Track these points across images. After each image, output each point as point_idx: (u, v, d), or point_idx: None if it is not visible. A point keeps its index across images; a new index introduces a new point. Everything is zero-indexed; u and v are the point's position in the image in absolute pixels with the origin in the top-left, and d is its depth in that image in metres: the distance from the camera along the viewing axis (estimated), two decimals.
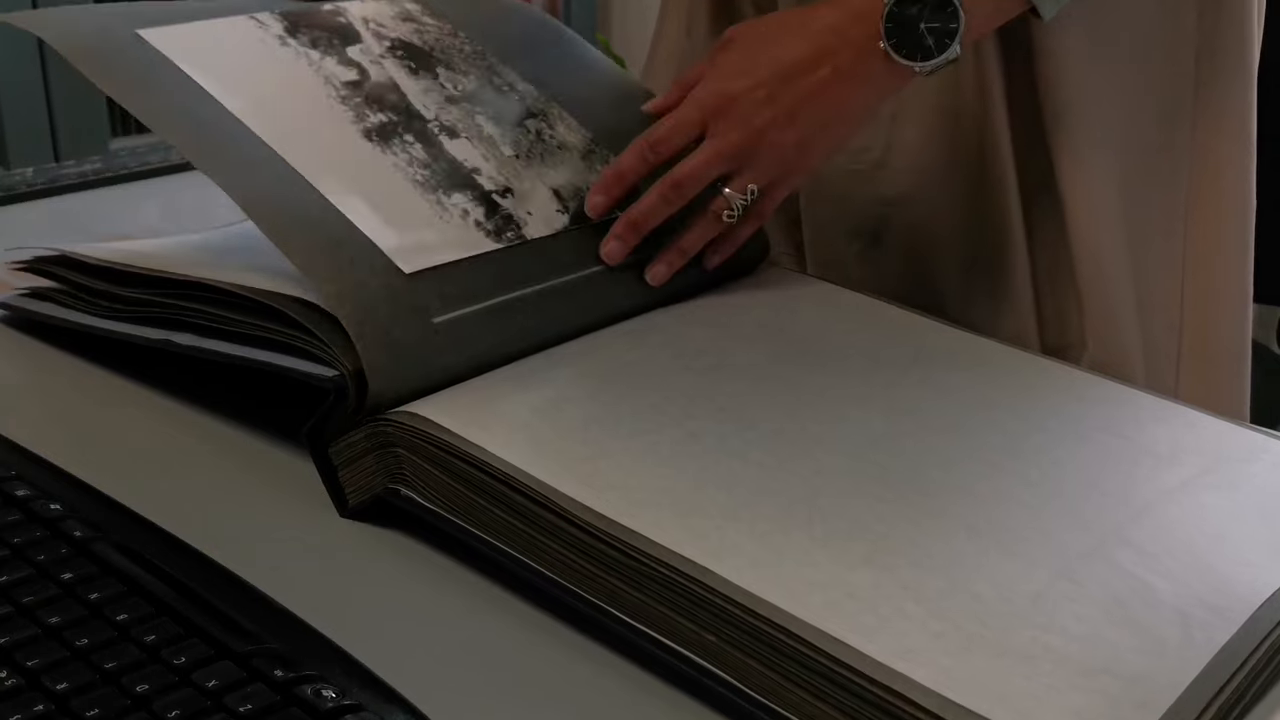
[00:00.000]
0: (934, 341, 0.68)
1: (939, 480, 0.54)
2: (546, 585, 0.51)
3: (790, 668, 0.44)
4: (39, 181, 0.96)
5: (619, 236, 0.68)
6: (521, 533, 0.51)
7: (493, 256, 0.64)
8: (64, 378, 0.69)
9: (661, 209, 0.69)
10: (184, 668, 0.43)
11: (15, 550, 0.49)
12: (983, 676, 0.43)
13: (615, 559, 0.49)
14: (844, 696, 0.43)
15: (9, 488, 0.53)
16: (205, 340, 0.62)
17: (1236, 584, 0.50)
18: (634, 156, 0.70)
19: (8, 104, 1.82)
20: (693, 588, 0.47)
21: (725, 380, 0.61)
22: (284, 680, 0.43)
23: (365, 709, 0.43)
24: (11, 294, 0.74)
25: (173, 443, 0.63)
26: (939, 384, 0.63)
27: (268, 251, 0.60)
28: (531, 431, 0.55)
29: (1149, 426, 0.61)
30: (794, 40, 0.68)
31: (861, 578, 0.47)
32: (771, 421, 0.57)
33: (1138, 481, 0.56)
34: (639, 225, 0.68)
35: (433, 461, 0.54)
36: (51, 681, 0.42)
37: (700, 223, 0.70)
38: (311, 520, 0.57)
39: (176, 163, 1.03)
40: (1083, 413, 0.62)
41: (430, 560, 0.55)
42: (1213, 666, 0.45)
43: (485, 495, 0.52)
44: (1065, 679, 0.43)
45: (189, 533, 0.52)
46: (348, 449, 0.56)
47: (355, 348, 0.56)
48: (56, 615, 0.45)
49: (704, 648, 0.47)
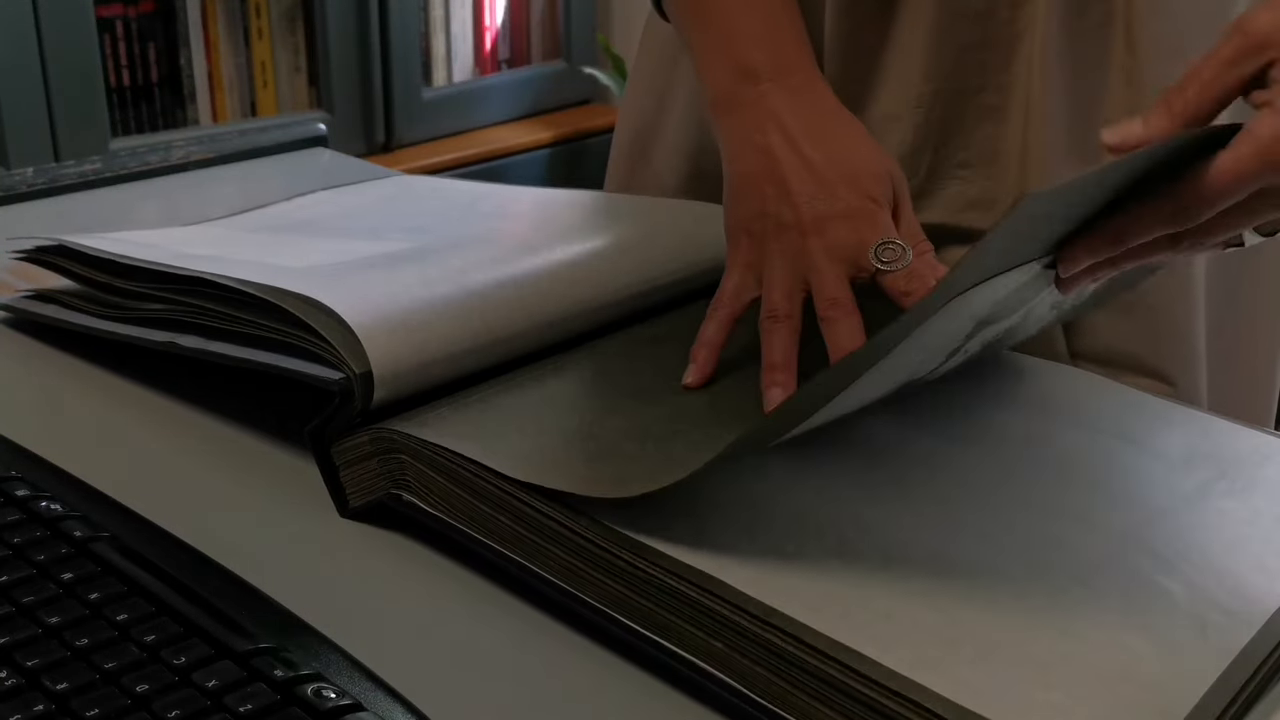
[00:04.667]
0: None
1: (954, 487, 0.54)
2: (551, 591, 0.51)
3: (801, 677, 0.44)
4: (39, 181, 0.96)
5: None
6: (526, 539, 0.51)
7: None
8: (64, 378, 0.69)
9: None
10: (184, 668, 0.43)
11: (15, 550, 0.49)
12: (1000, 686, 0.43)
13: (622, 567, 0.48)
14: (857, 708, 0.43)
15: (9, 488, 0.53)
16: (210, 343, 0.62)
17: (1253, 589, 0.49)
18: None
19: (8, 104, 1.82)
20: (702, 598, 0.46)
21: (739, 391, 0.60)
22: (284, 680, 0.43)
23: (365, 709, 0.43)
24: (13, 296, 0.74)
25: (173, 443, 0.63)
26: (950, 391, 0.63)
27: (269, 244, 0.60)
28: (532, 438, 0.55)
29: (1162, 431, 0.61)
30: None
31: (875, 586, 0.47)
32: None
33: (1153, 487, 0.56)
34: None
35: (436, 468, 0.54)
36: (51, 681, 0.42)
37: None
38: (311, 520, 0.57)
39: (177, 163, 1.03)
40: (1098, 418, 0.62)
41: (430, 561, 0.55)
42: (1230, 671, 0.45)
43: (489, 501, 0.52)
44: (1084, 687, 0.43)
45: (189, 533, 0.52)
46: (350, 450, 0.56)
47: (361, 349, 0.56)
48: (56, 615, 0.45)
49: (711, 654, 0.46)
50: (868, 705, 0.43)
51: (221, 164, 1.05)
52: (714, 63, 0.68)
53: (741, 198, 0.64)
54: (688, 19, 0.71)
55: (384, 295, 0.60)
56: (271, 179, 1.04)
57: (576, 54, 2.55)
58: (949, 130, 0.75)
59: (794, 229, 0.61)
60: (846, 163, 0.63)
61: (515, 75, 2.49)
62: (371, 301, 0.59)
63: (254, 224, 0.78)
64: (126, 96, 2.01)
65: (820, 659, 0.43)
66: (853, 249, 0.60)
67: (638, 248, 0.71)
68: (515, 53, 2.51)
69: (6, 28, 1.80)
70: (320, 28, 2.16)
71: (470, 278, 0.63)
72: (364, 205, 0.84)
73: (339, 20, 2.16)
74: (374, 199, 0.85)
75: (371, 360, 0.56)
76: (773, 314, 0.60)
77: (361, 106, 2.23)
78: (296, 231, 0.77)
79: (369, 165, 1.15)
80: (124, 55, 2.00)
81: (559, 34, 2.55)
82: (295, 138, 1.10)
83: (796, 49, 0.68)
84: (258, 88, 2.17)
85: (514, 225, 0.79)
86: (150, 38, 2.03)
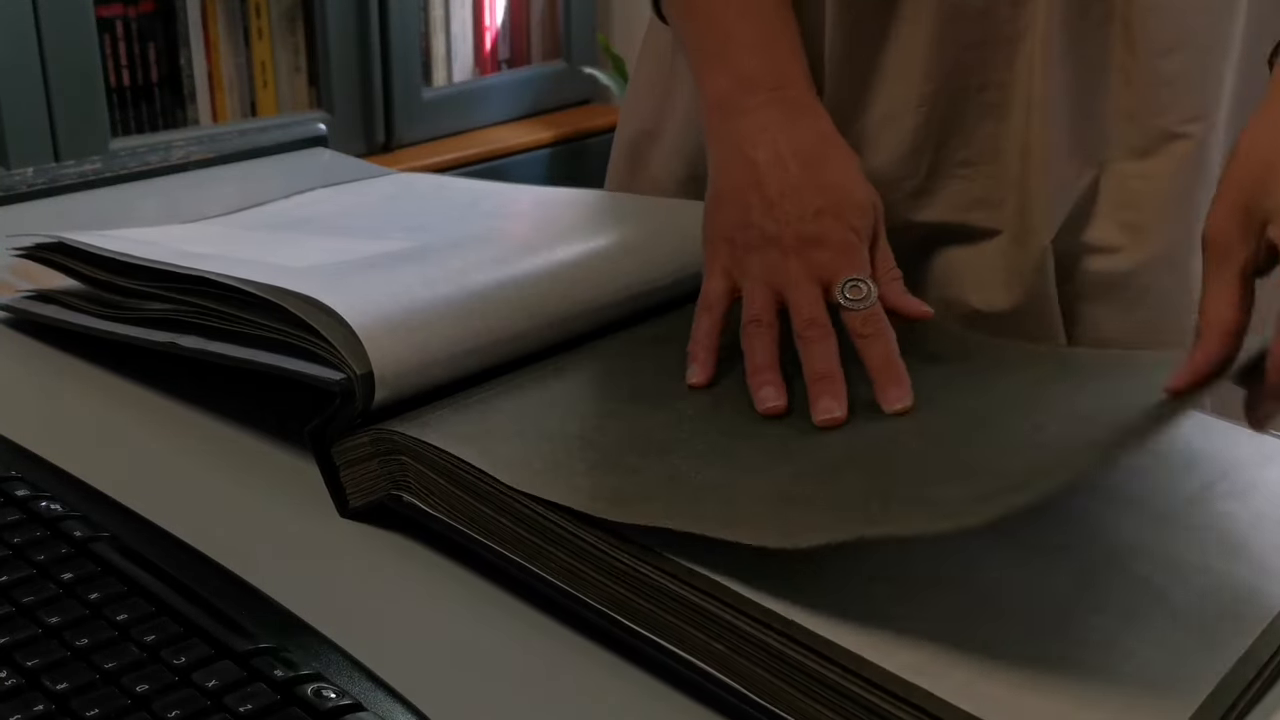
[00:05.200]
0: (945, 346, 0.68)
1: None
2: (552, 592, 0.51)
3: (801, 680, 0.44)
4: (39, 181, 0.96)
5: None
6: (527, 541, 0.51)
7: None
8: (64, 378, 0.69)
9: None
10: (184, 668, 0.43)
11: (15, 550, 0.49)
12: (1000, 690, 0.43)
13: (624, 570, 0.48)
14: (858, 711, 0.43)
15: (9, 488, 0.53)
16: (211, 343, 0.62)
17: (1255, 592, 0.49)
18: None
19: (8, 104, 1.82)
20: (703, 601, 0.46)
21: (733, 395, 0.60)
22: (284, 680, 0.43)
23: (365, 709, 0.43)
24: (14, 296, 0.74)
25: (173, 443, 0.63)
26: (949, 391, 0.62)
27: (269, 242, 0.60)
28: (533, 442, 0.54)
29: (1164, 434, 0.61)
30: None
31: (876, 588, 0.47)
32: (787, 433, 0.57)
33: (1154, 489, 0.56)
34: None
35: (437, 470, 0.54)
36: (51, 681, 0.42)
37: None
38: (311, 520, 0.57)
39: (177, 163, 1.03)
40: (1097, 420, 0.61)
41: (430, 561, 0.55)
42: (1232, 675, 0.45)
43: (490, 503, 0.52)
44: (1085, 691, 0.43)
45: (189, 533, 0.52)
46: (351, 451, 0.56)
47: (363, 349, 0.56)
48: (56, 615, 0.45)
49: (712, 655, 0.46)
50: (867, 708, 0.43)
51: (221, 164, 1.05)
52: (711, 68, 0.69)
53: (726, 205, 0.65)
54: (685, 23, 0.71)
55: (385, 295, 0.60)
56: (271, 179, 1.04)
57: (576, 54, 2.55)
58: (950, 129, 0.75)
59: (775, 245, 0.62)
60: (834, 190, 0.64)
61: (515, 75, 2.49)
62: (373, 302, 0.59)
63: (254, 222, 0.78)
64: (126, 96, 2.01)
65: (820, 662, 0.43)
66: (829, 275, 0.61)
67: (639, 248, 0.71)
68: (515, 53, 2.51)
69: (6, 28, 1.80)
70: (320, 28, 2.16)
71: (471, 278, 0.63)
72: (364, 204, 0.84)
73: (339, 20, 2.16)
74: (375, 198, 0.85)
75: (372, 361, 0.56)
76: (755, 320, 0.61)
77: (361, 106, 2.23)
78: (297, 230, 0.77)
79: (369, 165, 1.15)
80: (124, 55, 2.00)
81: (559, 34, 2.55)
82: (295, 138, 1.10)
83: (792, 60, 0.69)
84: (258, 88, 2.17)
85: (515, 225, 0.79)
86: (150, 38, 2.03)
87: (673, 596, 0.47)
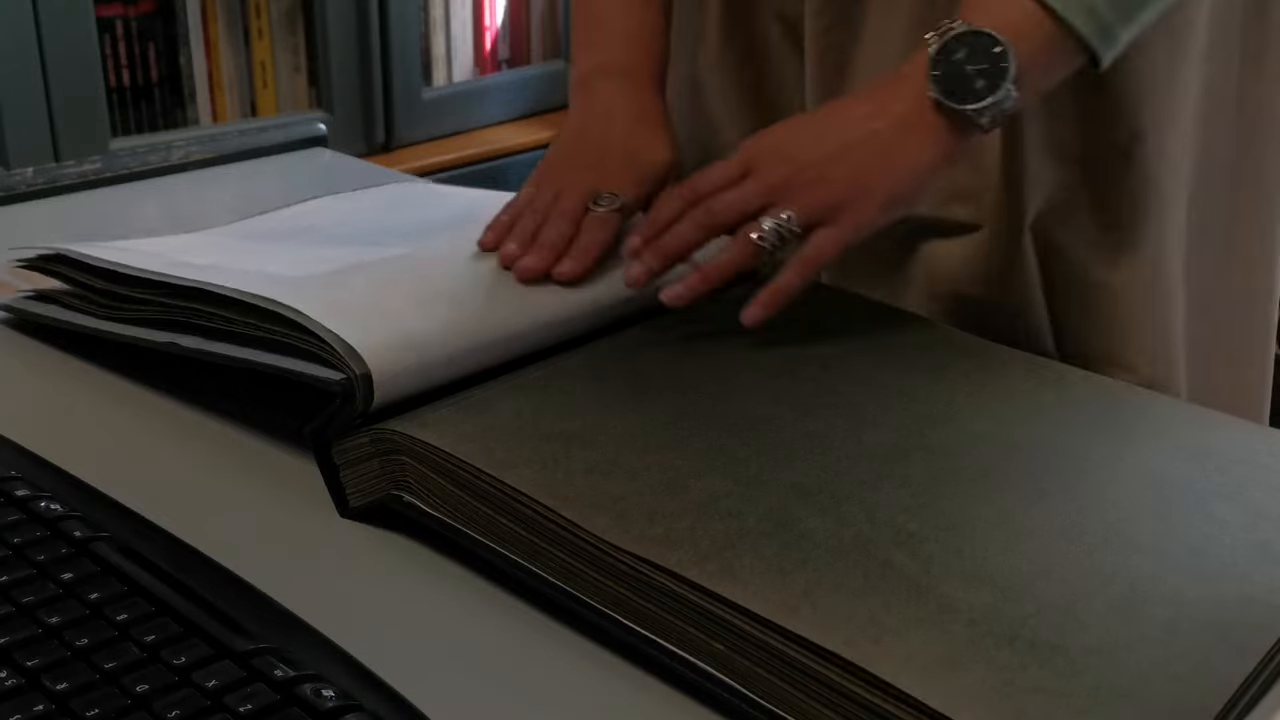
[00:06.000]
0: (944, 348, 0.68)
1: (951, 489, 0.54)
2: (552, 592, 0.51)
3: (801, 680, 0.44)
4: (39, 181, 0.96)
5: (644, 261, 0.67)
6: (526, 540, 0.51)
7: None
8: (64, 378, 0.69)
9: (691, 234, 0.67)
10: (184, 668, 0.43)
11: (15, 550, 0.49)
12: (1002, 691, 0.42)
13: (623, 570, 0.48)
14: (858, 711, 0.43)
15: (9, 488, 0.53)
16: (211, 343, 0.62)
17: (1255, 587, 0.49)
18: (671, 199, 0.68)
19: (8, 104, 1.82)
20: (703, 601, 0.46)
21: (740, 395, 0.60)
22: (284, 680, 0.43)
23: (365, 709, 0.43)
24: (14, 296, 0.74)
25: (173, 442, 0.63)
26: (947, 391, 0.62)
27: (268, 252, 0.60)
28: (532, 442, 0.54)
29: (1168, 431, 0.61)
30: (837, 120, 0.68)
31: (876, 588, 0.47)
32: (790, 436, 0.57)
33: (1153, 484, 0.56)
34: (666, 251, 0.67)
35: (437, 470, 0.54)
36: (51, 681, 0.42)
37: (730, 247, 0.66)
38: (311, 520, 0.57)
39: (177, 163, 1.03)
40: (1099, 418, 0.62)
41: (430, 561, 0.55)
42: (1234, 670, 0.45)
43: (490, 503, 0.52)
44: (1086, 690, 0.43)
45: (189, 533, 0.52)
46: (351, 451, 0.56)
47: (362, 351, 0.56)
48: (56, 615, 0.45)
49: (712, 655, 0.46)
50: (868, 708, 0.43)
51: (221, 164, 1.05)
52: (583, 50, 0.83)
53: (559, 144, 0.79)
54: (575, 5, 0.84)
55: (385, 296, 0.60)
56: (271, 179, 1.04)
57: None
58: None
59: (576, 169, 0.76)
60: (630, 145, 0.78)
61: (515, 75, 2.49)
62: (373, 301, 0.59)
63: (253, 231, 0.78)
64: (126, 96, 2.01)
65: (820, 662, 0.43)
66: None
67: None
68: (515, 53, 2.51)
69: (6, 28, 1.79)
70: (320, 28, 2.16)
71: (470, 279, 0.63)
72: (363, 212, 0.84)
73: (339, 20, 2.16)
74: (373, 206, 0.85)
75: (372, 361, 0.56)
76: (533, 208, 0.73)
77: (361, 106, 2.23)
78: (296, 239, 0.77)
79: (369, 165, 1.15)
80: (124, 55, 2.00)
81: (559, 34, 2.55)
82: (295, 138, 1.10)
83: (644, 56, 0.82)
84: (258, 88, 2.16)
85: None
86: (150, 38, 2.03)
87: (673, 596, 0.47)
